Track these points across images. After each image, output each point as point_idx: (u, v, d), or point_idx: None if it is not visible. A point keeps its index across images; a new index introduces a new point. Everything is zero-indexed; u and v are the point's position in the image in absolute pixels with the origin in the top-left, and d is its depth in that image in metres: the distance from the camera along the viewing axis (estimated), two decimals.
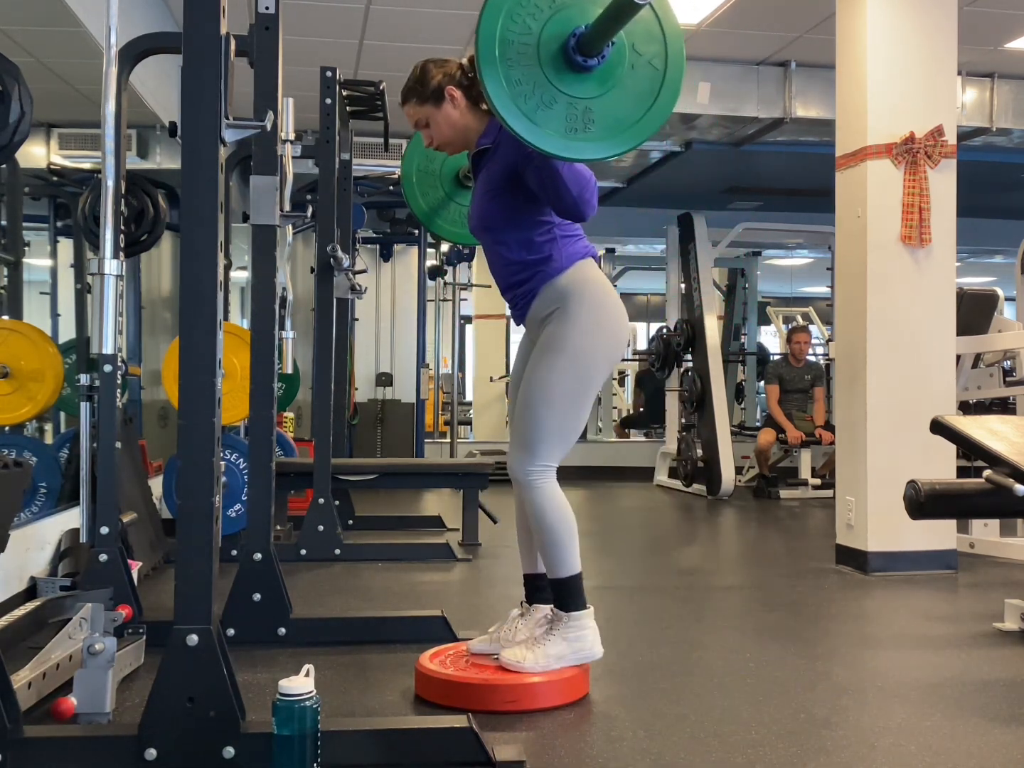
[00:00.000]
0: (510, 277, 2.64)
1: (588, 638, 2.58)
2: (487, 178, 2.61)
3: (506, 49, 2.19)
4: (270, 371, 3.22)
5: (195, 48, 2.03)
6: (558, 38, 2.22)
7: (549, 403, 2.52)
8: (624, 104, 2.28)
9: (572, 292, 2.55)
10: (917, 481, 2.95)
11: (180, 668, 1.97)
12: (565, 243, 2.59)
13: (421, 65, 2.67)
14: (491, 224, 2.63)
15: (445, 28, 5.96)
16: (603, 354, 2.58)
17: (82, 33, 4.25)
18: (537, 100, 2.20)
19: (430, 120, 2.66)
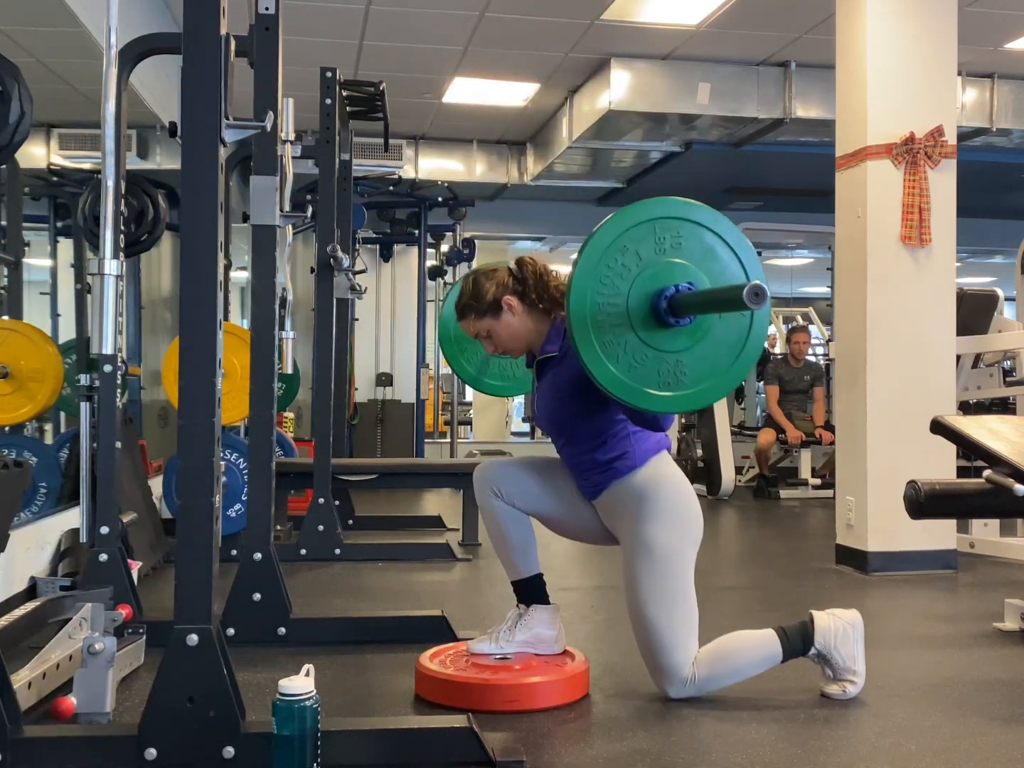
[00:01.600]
0: (581, 471, 2.61)
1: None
2: (554, 383, 2.59)
3: (597, 313, 2.19)
4: (270, 371, 3.21)
5: (195, 48, 2.03)
6: (647, 296, 2.21)
7: (662, 611, 2.48)
8: (714, 354, 2.26)
9: (649, 491, 2.52)
10: (917, 481, 2.95)
11: (180, 668, 1.97)
12: (638, 439, 2.55)
13: (472, 280, 2.66)
14: (562, 427, 2.61)
15: (445, 28, 5.96)
16: (690, 541, 2.54)
17: (82, 33, 4.25)
18: (630, 359, 2.20)
19: (491, 332, 2.64)
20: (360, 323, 8.99)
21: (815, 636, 2.54)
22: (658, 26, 5.96)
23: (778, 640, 2.54)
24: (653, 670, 2.55)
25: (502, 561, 2.72)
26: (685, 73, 6.52)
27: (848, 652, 2.56)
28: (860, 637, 2.58)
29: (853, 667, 2.57)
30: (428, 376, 9.01)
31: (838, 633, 2.55)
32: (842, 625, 2.56)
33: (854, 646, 2.57)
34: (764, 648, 2.55)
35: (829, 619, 2.57)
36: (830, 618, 2.57)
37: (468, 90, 7.26)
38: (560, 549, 4.88)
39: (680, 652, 2.50)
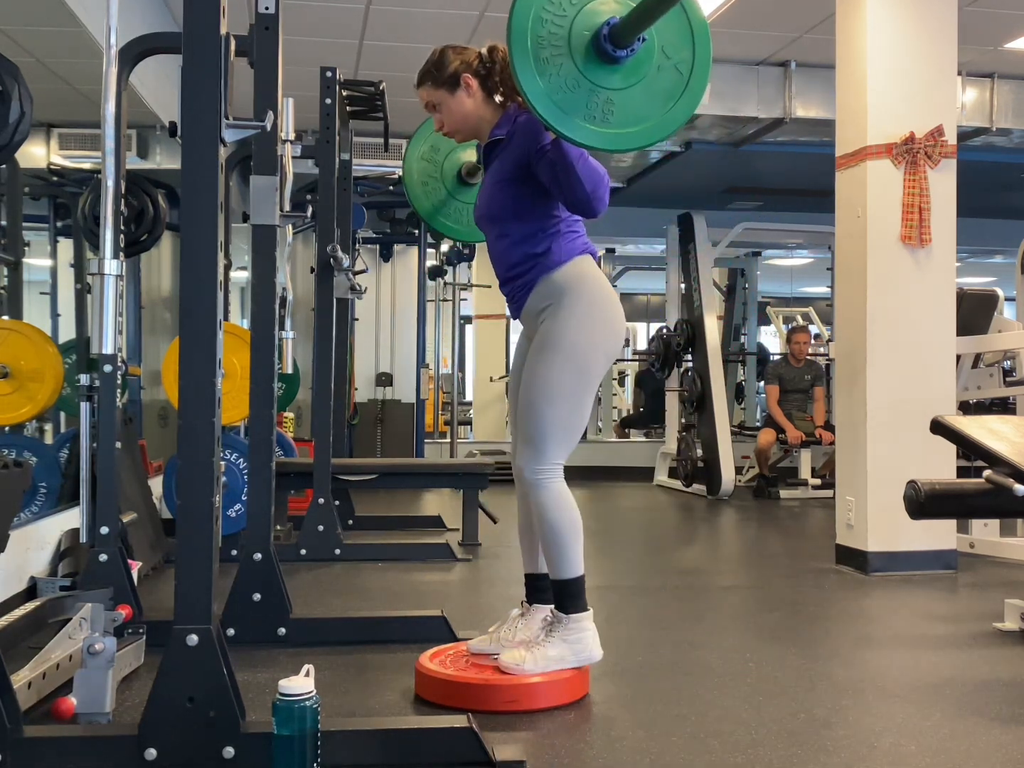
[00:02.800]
0: (509, 270, 2.64)
1: (587, 640, 2.58)
2: (498, 168, 2.62)
3: (539, 28, 2.21)
4: (270, 371, 3.22)
5: (195, 48, 2.03)
6: (591, 27, 2.25)
7: (551, 400, 2.52)
8: (645, 102, 2.31)
9: (568, 287, 2.56)
10: (917, 481, 2.95)
11: (180, 668, 1.97)
12: (566, 238, 2.60)
13: (440, 49, 2.68)
14: (498, 215, 2.63)
15: (445, 28, 5.95)
16: (601, 349, 2.57)
17: (82, 33, 4.25)
18: (561, 82, 2.23)
19: (443, 105, 2.66)
20: (360, 323, 8.98)
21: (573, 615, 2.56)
22: None
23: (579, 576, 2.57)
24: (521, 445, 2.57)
25: (522, 548, 2.75)
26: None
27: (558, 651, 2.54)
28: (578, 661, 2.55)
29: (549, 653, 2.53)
30: (428, 376, 9.00)
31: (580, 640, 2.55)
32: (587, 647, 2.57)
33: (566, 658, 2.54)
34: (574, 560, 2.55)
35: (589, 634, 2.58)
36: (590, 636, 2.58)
37: None
38: None
39: (550, 441, 2.52)
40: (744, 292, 10.43)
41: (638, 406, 11.30)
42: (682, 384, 7.99)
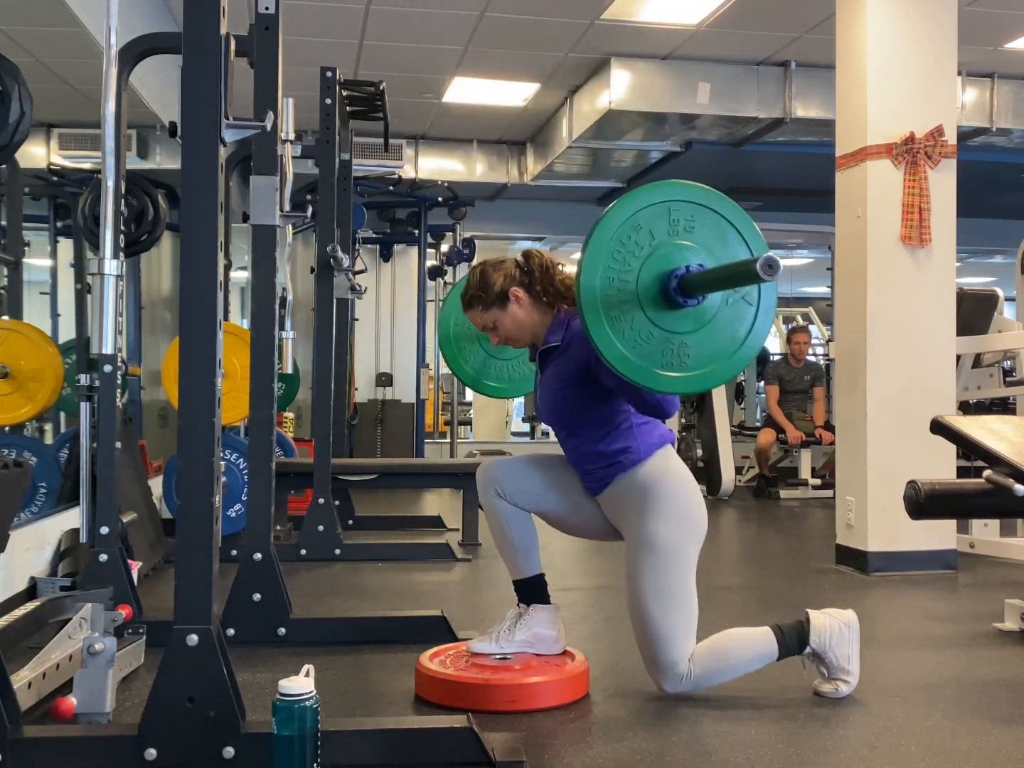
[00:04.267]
0: (585, 464, 2.61)
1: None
2: (557, 375, 2.60)
3: (607, 287, 2.20)
4: (270, 371, 3.21)
5: (195, 48, 2.03)
6: (657, 275, 2.22)
7: (663, 607, 2.48)
8: (719, 338, 2.27)
9: (653, 486, 2.52)
10: (917, 481, 2.95)
11: (180, 668, 1.97)
12: (641, 432, 2.56)
13: (480, 271, 2.66)
14: (565, 419, 2.61)
15: (445, 28, 5.96)
16: (693, 538, 2.56)
17: (82, 33, 4.25)
18: (635, 336, 2.21)
19: (497, 323, 2.65)
20: (360, 323, 8.99)
21: (811, 635, 2.54)
22: (658, 26, 5.96)
23: (774, 638, 2.54)
24: (650, 665, 2.55)
25: (504, 560, 2.72)
26: (685, 73, 6.52)
27: (843, 652, 2.56)
28: (856, 638, 2.58)
29: (847, 667, 2.57)
30: (428, 376, 9.00)
31: (833, 633, 2.55)
32: (838, 625, 2.56)
33: (849, 646, 2.57)
34: (760, 646, 2.55)
35: (825, 619, 2.57)
36: (826, 618, 2.57)
37: (468, 90, 7.26)
38: (560, 549, 4.88)
39: (677, 649, 2.50)
40: None
41: None
42: None
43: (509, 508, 2.64)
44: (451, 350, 3.25)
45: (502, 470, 2.66)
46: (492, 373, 3.27)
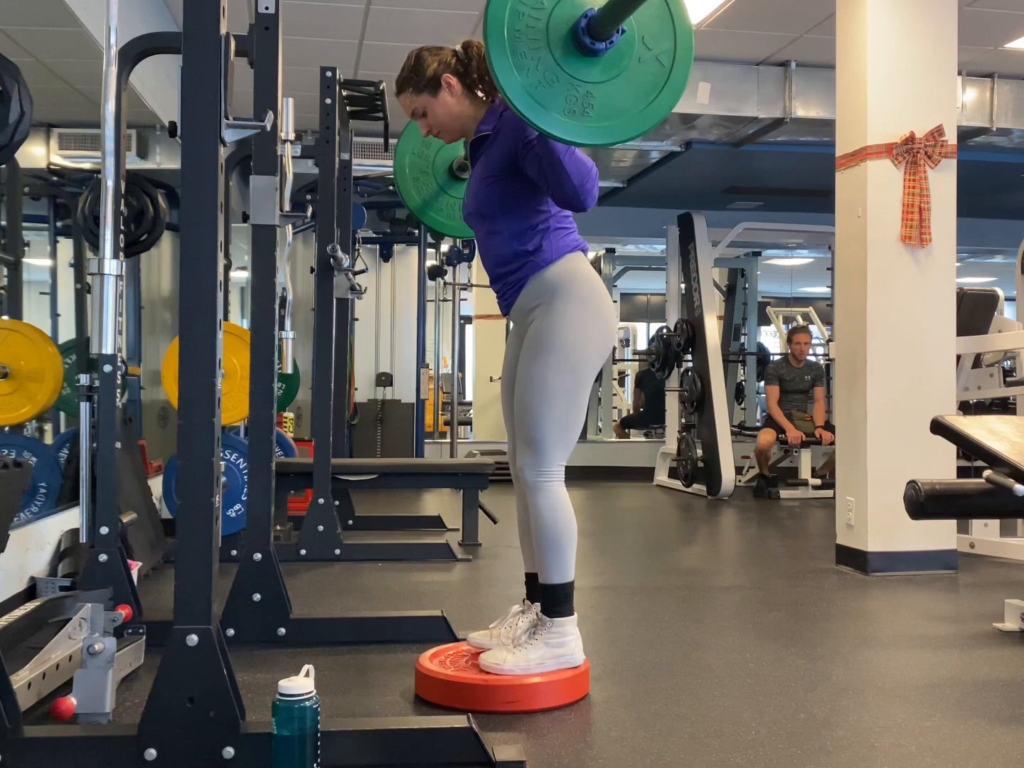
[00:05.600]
0: (500, 267, 2.63)
1: (570, 644, 2.57)
2: (485, 164, 2.59)
3: (515, 21, 2.18)
4: (270, 371, 3.21)
5: (195, 48, 2.03)
6: (569, 20, 2.21)
7: (546, 401, 2.51)
8: (625, 94, 2.27)
9: (560, 285, 2.54)
10: (917, 481, 2.95)
11: (180, 668, 1.97)
12: (557, 235, 2.58)
13: (416, 54, 2.65)
14: (486, 211, 2.60)
15: (445, 28, 5.95)
16: (593, 347, 2.55)
17: (82, 33, 4.25)
18: (540, 76, 2.19)
19: (427, 109, 2.64)
20: (360, 323, 8.99)
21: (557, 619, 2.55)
22: None
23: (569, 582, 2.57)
24: (520, 448, 2.57)
25: (523, 548, 2.75)
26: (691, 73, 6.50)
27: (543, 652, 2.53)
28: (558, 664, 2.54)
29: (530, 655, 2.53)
30: (428, 376, 9.00)
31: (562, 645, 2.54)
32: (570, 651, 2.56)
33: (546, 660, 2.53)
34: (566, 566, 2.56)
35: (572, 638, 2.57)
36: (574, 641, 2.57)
37: None
38: None
39: (548, 442, 2.51)
40: (744, 292, 10.44)
41: (638, 406, 11.30)
42: (682, 384, 7.99)
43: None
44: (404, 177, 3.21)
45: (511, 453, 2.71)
46: (441, 208, 3.23)
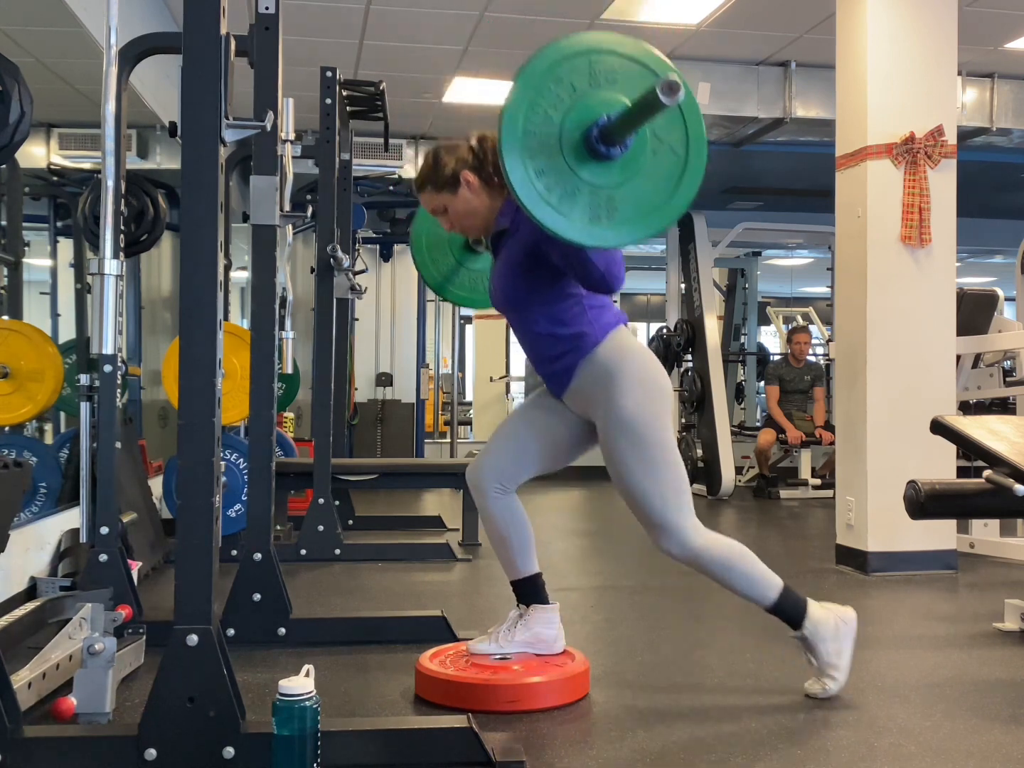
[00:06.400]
0: (543, 351, 2.61)
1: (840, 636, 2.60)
2: (508, 257, 2.59)
3: (529, 140, 2.16)
4: (270, 371, 3.21)
5: (195, 48, 2.02)
6: (580, 128, 2.19)
7: (648, 478, 2.49)
8: (647, 190, 2.24)
9: (613, 367, 2.52)
10: (917, 481, 2.95)
11: (180, 668, 1.97)
12: (595, 314, 2.56)
13: (432, 153, 2.65)
14: (517, 303, 2.60)
15: (445, 28, 5.96)
16: (661, 410, 2.54)
17: (82, 33, 4.25)
18: (561, 190, 2.17)
19: (448, 206, 2.64)
20: (360, 323, 8.99)
21: (805, 620, 2.54)
22: (658, 26, 5.96)
23: (780, 586, 2.56)
24: (651, 530, 2.55)
25: (501, 561, 2.72)
26: (685, 73, 6.43)
27: (835, 647, 2.56)
28: (850, 635, 2.58)
29: (836, 662, 2.56)
30: (428, 376, 9.01)
31: (828, 627, 2.55)
32: (834, 620, 2.57)
33: (842, 642, 2.56)
34: (766, 577, 2.56)
35: (823, 612, 2.57)
36: (824, 611, 2.57)
37: (468, 90, 7.25)
38: (560, 549, 4.89)
39: (672, 511, 2.50)
40: (744, 292, 10.44)
41: None
42: (682, 384, 7.99)
43: (504, 509, 2.64)
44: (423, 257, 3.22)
45: (483, 464, 2.67)
46: (460, 282, 3.23)
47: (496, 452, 2.69)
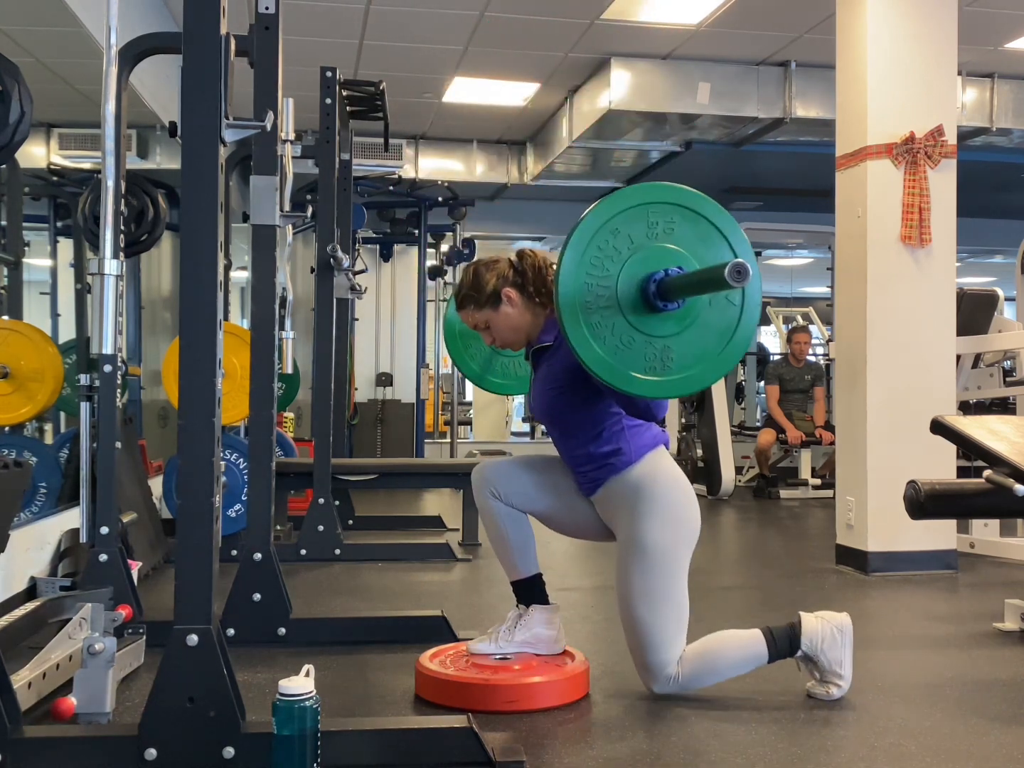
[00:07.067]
0: (578, 466, 2.61)
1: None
2: (549, 374, 2.59)
3: (585, 295, 2.17)
4: (270, 371, 3.21)
5: (195, 48, 2.03)
6: (636, 280, 2.20)
7: (653, 610, 2.48)
8: (702, 341, 2.24)
9: (643, 488, 2.51)
10: (917, 481, 2.95)
11: (180, 668, 1.97)
12: (633, 433, 2.55)
13: (473, 270, 2.66)
14: (557, 419, 2.61)
15: (445, 28, 5.96)
16: (685, 541, 2.54)
17: (82, 33, 4.25)
18: (616, 342, 2.18)
19: (490, 323, 2.64)
20: (360, 323, 8.99)
21: (802, 639, 2.53)
22: (658, 26, 5.96)
23: (764, 642, 2.54)
24: (639, 666, 2.55)
25: (501, 562, 2.72)
26: (685, 73, 6.52)
27: (835, 656, 2.55)
28: (848, 641, 2.57)
29: (839, 671, 2.56)
30: (428, 376, 9.00)
31: (825, 637, 2.54)
32: (830, 629, 2.55)
33: (841, 650, 2.56)
34: (749, 649, 2.55)
35: (817, 623, 2.56)
36: (818, 621, 2.56)
37: (468, 90, 7.26)
38: (560, 549, 4.88)
39: (666, 651, 2.50)
40: None
41: None
42: None
43: (504, 509, 2.64)
44: (457, 347, 3.25)
45: (497, 471, 2.67)
46: (497, 369, 3.27)
47: (511, 475, 2.66)
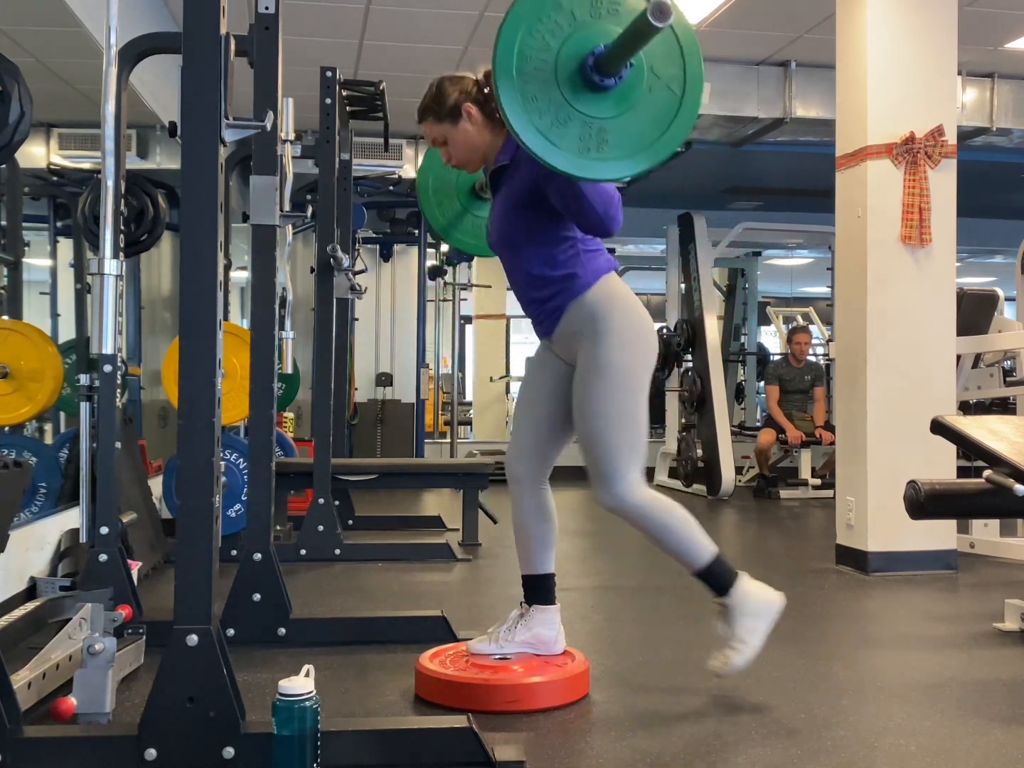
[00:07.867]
0: (533, 292, 2.61)
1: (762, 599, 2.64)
2: (507, 195, 2.58)
3: (524, 64, 2.15)
4: (270, 371, 3.21)
5: (195, 48, 2.03)
6: (576, 57, 2.19)
7: (611, 426, 2.50)
8: (640, 125, 2.24)
9: (600, 310, 2.52)
10: (917, 481, 2.95)
11: (180, 668, 1.97)
12: (588, 258, 2.56)
13: (437, 83, 2.66)
14: (512, 241, 2.60)
15: (445, 28, 5.96)
16: (643, 363, 2.56)
17: (82, 33, 4.25)
18: (552, 117, 2.17)
19: (448, 138, 2.63)
20: (360, 323, 8.99)
21: (732, 589, 2.57)
22: None
23: (714, 555, 2.59)
24: (593, 478, 2.55)
25: (518, 551, 2.74)
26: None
27: (752, 624, 2.57)
28: (769, 619, 2.60)
29: (747, 639, 2.56)
30: (428, 376, 9.00)
31: (755, 602, 2.58)
32: (763, 599, 2.60)
33: (760, 621, 2.58)
34: (698, 539, 2.59)
35: (754, 587, 2.61)
36: (756, 587, 2.61)
37: None
38: (560, 549, 4.86)
39: (623, 464, 2.51)
40: (744, 292, 10.44)
41: None
42: (682, 384, 7.99)
43: (532, 504, 2.67)
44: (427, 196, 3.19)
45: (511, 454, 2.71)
46: (467, 228, 3.20)
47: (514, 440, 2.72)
